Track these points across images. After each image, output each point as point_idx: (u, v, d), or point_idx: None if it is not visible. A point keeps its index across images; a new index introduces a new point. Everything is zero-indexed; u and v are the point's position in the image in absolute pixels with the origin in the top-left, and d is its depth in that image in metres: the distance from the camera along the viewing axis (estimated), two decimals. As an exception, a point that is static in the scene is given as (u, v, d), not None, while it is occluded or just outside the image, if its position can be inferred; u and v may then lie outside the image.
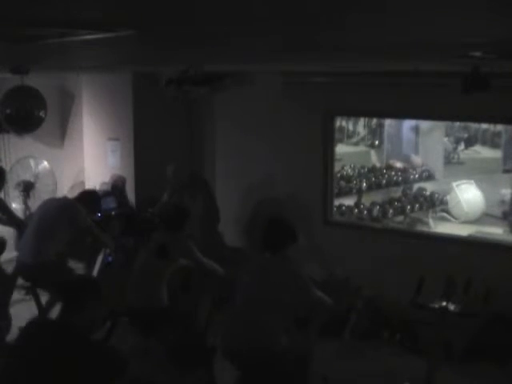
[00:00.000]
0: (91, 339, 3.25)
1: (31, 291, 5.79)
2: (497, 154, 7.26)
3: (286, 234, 4.34)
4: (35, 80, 6.28)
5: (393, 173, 7.73)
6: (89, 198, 6.03)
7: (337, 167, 6.99)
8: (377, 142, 7.78)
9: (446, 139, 7.58)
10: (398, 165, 7.79)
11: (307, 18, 1.85)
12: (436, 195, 7.49)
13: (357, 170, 7.68)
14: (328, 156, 6.65)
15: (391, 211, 7.22)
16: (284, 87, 6.56)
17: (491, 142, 7.36)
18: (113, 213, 6.92)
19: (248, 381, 4.27)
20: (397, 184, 7.70)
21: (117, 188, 7.20)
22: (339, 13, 1.76)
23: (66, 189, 7.34)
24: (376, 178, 7.64)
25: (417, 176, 7.70)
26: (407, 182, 7.68)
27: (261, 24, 2.02)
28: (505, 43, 2.54)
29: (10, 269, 6.09)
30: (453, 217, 7.27)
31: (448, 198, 7.39)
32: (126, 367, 3.21)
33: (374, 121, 7.69)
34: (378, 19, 1.88)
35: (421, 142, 7.73)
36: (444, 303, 4.54)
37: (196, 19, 1.95)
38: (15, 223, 6.40)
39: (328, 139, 6.63)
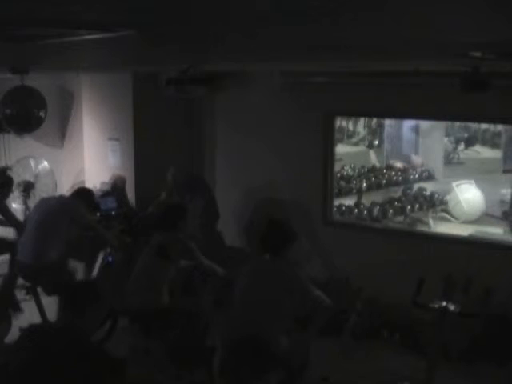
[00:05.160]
0: (92, 343, 3.26)
1: (31, 291, 5.79)
2: (497, 154, 7.25)
3: (286, 236, 4.34)
4: (35, 80, 6.28)
5: (393, 173, 7.72)
6: (84, 195, 6.02)
7: (337, 167, 6.99)
8: (377, 142, 7.77)
9: (446, 139, 7.57)
10: (398, 165, 7.78)
11: (307, 17, 1.85)
12: (436, 195, 7.48)
13: (357, 170, 7.67)
14: (328, 156, 6.65)
15: (391, 211, 7.21)
16: (284, 87, 6.55)
17: (491, 141, 7.35)
18: (113, 213, 6.92)
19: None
20: (397, 184, 7.68)
21: (117, 188, 7.19)
22: (339, 12, 1.76)
23: (66, 189, 7.33)
24: (376, 178, 7.63)
25: (417, 176, 7.69)
26: (407, 182, 7.67)
27: (260, 24, 2.02)
28: (505, 43, 2.54)
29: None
30: (453, 217, 7.26)
31: (448, 197, 7.39)
32: (125, 375, 3.21)
33: (374, 121, 7.68)
34: (377, 19, 1.88)
35: (421, 142, 7.72)
36: (444, 303, 4.54)
37: (196, 19, 1.95)
38: (15, 224, 6.40)
39: (328, 139, 6.63)
